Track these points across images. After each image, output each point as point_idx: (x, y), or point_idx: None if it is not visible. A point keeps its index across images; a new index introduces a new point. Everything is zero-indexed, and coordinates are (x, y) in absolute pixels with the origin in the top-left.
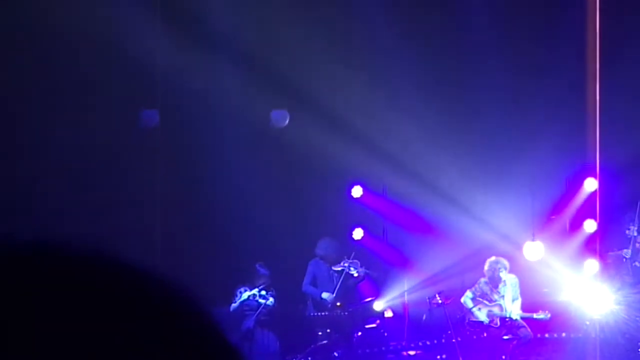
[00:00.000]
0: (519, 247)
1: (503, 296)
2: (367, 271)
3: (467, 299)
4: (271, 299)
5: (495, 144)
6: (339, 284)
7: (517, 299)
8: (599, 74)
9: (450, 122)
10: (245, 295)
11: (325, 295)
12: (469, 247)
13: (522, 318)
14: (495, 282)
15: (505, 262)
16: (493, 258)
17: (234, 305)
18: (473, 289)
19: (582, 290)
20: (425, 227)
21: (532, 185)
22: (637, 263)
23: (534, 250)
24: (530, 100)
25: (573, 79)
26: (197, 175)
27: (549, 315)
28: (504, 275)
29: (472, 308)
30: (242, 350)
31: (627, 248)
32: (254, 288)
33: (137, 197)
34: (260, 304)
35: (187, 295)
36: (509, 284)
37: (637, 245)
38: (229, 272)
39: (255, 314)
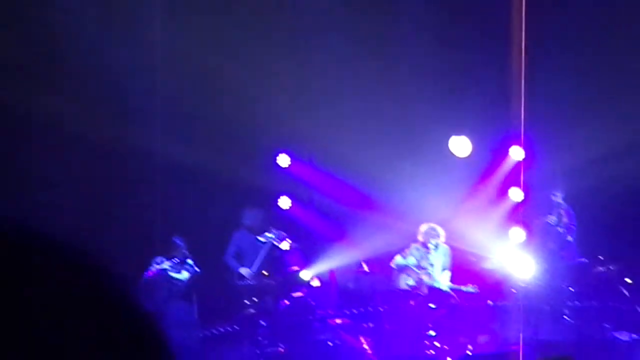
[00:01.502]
0: (446, 217)
1: (433, 264)
2: (293, 245)
3: (396, 263)
4: (185, 273)
5: (422, 112)
6: (263, 256)
7: (446, 269)
8: (525, 41)
9: (377, 91)
10: (156, 267)
11: (243, 270)
12: (396, 216)
13: (450, 289)
14: (427, 248)
15: (441, 230)
16: (430, 224)
17: (147, 275)
18: (403, 253)
19: (508, 258)
20: (353, 196)
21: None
22: (560, 228)
23: (461, 144)
24: (454, 68)
25: (498, 46)
26: (121, 144)
27: (477, 290)
28: (434, 243)
29: (402, 271)
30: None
31: (551, 214)
32: (170, 259)
33: (52, 165)
34: (171, 276)
35: (104, 264)
36: (441, 252)
37: (562, 211)
38: (150, 243)
39: (168, 286)
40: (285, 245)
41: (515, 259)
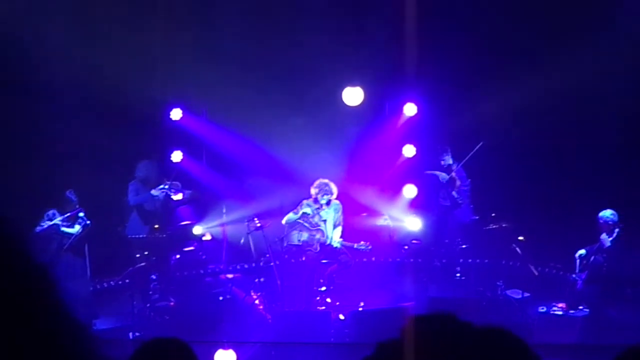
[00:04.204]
0: (338, 173)
1: (325, 221)
2: (189, 191)
3: (287, 219)
4: (77, 226)
5: (315, 64)
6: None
7: (338, 225)
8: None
9: (270, 44)
10: (48, 223)
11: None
12: (288, 171)
13: (342, 246)
14: (319, 204)
15: (333, 187)
16: (323, 180)
17: (39, 228)
18: (295, 210)
19: (400, 215)
20: (245, 151)
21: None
22: (454, 193)
23: (353, 95)
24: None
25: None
26: (15, 99)
27: (369, 247)
28: (326, 199)
29: (294, 227)
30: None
31: (443, 173)
32: (62, 213)
33: None
34: (63, 231)
35: None
36: (332, 209)
37: (453, 174)
38: (40, 196)
39: (59, 239)
40: (179, 196)
41: (407, 216)
